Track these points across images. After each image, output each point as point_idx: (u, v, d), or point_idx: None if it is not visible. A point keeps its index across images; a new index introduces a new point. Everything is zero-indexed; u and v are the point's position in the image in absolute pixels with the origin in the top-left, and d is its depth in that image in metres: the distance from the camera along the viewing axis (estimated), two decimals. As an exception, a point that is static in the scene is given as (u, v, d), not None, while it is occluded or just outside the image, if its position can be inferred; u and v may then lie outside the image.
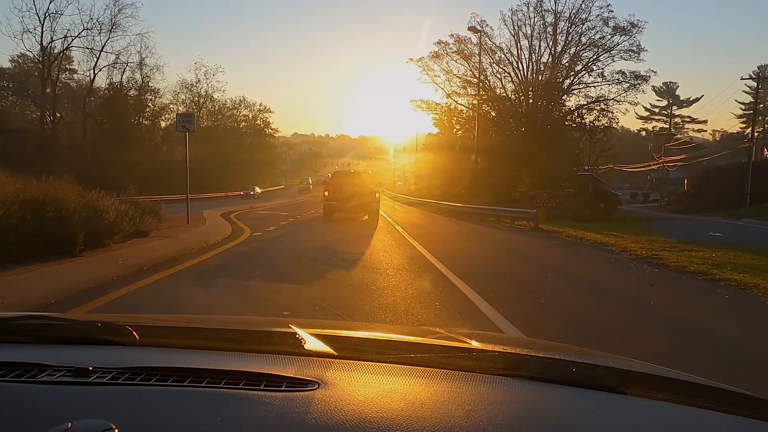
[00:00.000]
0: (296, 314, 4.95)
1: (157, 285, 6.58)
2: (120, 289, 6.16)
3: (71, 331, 1.25)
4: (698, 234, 17.57)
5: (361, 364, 1.09)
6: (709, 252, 10.81)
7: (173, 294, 6.25)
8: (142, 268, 7.65)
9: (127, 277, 6.95)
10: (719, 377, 1.38)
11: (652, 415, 0.96)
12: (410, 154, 73.31)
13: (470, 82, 41.69)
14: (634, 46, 37.77)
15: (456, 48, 41.57)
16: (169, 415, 0.86)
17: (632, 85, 38.99)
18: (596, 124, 40.06)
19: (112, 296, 5.76)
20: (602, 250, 11.95)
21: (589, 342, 4.28)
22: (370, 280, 7.03)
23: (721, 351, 4.45)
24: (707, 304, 6.56)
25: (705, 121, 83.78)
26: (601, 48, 38.74)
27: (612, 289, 7.33)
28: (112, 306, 5.35)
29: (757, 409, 1.01)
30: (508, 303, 5.84)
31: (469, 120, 43.17)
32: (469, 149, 44.24)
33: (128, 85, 51.11)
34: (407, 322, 4.99)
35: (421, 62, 42.66)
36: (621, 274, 8.79)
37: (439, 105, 44.71)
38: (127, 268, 7.39)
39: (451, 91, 43.13)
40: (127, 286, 6.35)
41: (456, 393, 0.97)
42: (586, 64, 39.61)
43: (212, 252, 10.06)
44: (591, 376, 1.06)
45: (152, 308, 5.41)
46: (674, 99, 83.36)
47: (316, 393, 0.91)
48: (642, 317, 5.61)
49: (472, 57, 40.61)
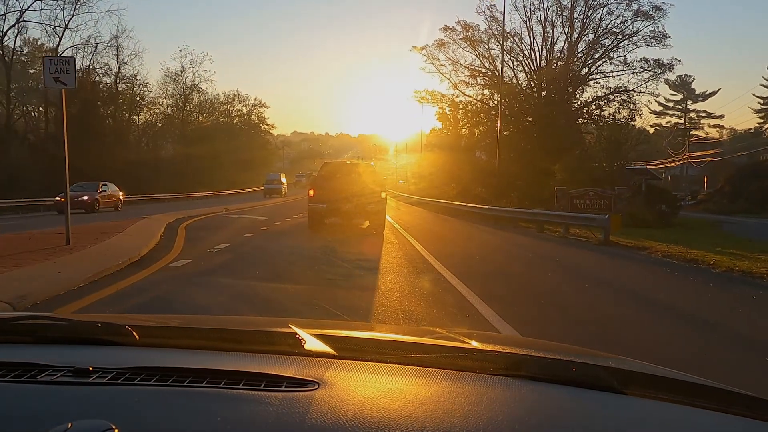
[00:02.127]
0: None
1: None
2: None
3: (71, 331, 1.26)
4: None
5: (361, 364, 1.09)
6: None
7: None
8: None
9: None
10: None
11: (652, 415, 0.96)
12: (411, 153, 72.81)
13: (479, 71, 39.54)
14: (656, 33, 35.17)
15: (463, 35, 39.09)
16: (169, 415, 0.86)
17: (654, 75, 36.35)
18: (617, 116, 36.82)
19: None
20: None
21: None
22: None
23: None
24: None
25: (722, 116, 78.20)
26: (620, 35, 36.04)
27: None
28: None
29: (757, 409, 1.01)
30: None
31: (475, 113, 41.33)
32: (475, 146, 42.77)
33: (101, 71, 45.73)
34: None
35: (426, 50, 40.29)
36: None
37: (445, 96, 42.31)
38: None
39: (458, 81, 40.48)
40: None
41: (456, 393, 0.97)
42: (605, 51, 36.90)
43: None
44: (591, 376, 1.06)
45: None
46: (689, 93, 77.58)
47: (316, 393, 0.91)
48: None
49: (482, 44, 38.47)
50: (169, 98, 55.76)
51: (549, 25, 37.63)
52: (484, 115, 40.86)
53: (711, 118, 77.55)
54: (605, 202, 21.88)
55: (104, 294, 5.98)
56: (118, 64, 46.39)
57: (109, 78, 46.47)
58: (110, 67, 46.42)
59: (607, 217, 13.58)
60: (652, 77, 36.48)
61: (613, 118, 36.62)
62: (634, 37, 35.86)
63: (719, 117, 77.23)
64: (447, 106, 43.27)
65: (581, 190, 22.47)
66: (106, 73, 46.00)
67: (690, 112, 77.99)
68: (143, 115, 52.47)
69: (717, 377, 1.25)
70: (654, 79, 36.58)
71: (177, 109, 56.21)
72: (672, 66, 36.23)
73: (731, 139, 71.34)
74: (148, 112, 52.88)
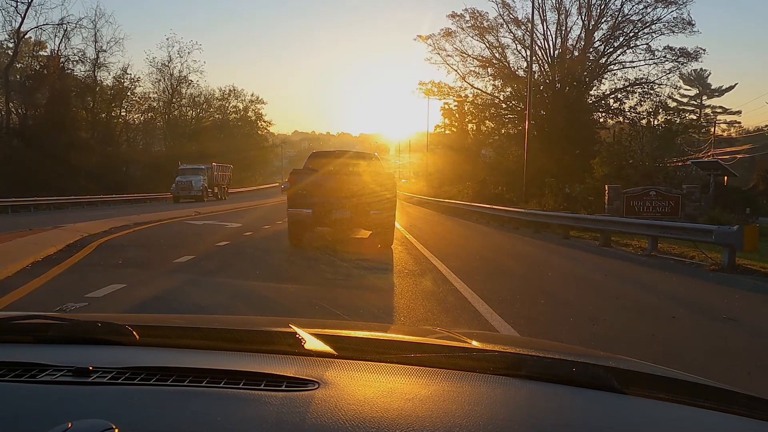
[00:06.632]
0: None
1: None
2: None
3: (71, 331, 1.26)
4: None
5: (361, 363, 1.09)
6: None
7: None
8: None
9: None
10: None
11: (652, 415, 0.96)
12: (414, 152, 72.50)
13: (490, 61, 37.52)
14: (679, 19, 32.82)
15: (472, 23, 37.06)
16: (169, 414, 0.86)
17: (677, 65, 34.32)
18: (638, 109, 34.57)
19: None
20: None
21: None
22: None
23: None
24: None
25: (739, 112, 72.97)
26: (639, 22, 33.92)
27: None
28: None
29: (757, 409, 1.02)
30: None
31: (485, 107, 39.60)
32: (482, 143, 40.83)
33: (74, 58, 40.45)
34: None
35: (431, 40, 37.94)
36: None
37: (452, 89, 40.13)
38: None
39: (466, 72, 38.33)
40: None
41: (456, 393, 0.97)
42: (626, 39, 34.66)
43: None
44: (591, 375, 1.06)
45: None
46: (704, 87, 72.72)
47: (316, 393, 0.91)
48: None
49: (492, 32, 36.36)
50: (155, 90, 51.46)
51: (563, 12, 35.80)
52: (494, 109, 39.11)
53: (727, 114, 72.86)
54: (671, 204, 18.18)
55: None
56: (96, 51, 41.27)
57: (84, 66, 41.37)
58: (85, 54, 41.08)
59: (735, 228, 9.09)
60: (674, 68, 34.70)
61: (634, 111, 34.95)
62: (655, 24, 33.80)
63: (736, 113, 72.58)
64: (453, 100, 41.42)
65: (639, 190, 18.56)
66: (80, 60, 40.74)
67: (705, 107, 72.84)
68: (127, 110, 48.20)
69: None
70: (676, 69, 34.89)
71: (165, 102, 52.45)
72: (698, 55, 33.87)
73: (754, 135, 68.62)
74: (134, 107, 48.59)
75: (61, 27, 38.33)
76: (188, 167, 36.46)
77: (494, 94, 39.09)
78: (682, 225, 11.70)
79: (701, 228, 10.42)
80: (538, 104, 34.24)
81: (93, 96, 42.43)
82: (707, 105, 72.67)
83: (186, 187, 35.04)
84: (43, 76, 37.03)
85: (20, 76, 38.42)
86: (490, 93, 39.15)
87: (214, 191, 38.35)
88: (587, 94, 36.62)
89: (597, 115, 37.16)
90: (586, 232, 14.75)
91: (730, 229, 9.23)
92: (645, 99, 35.20)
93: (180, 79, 53.07)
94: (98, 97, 43.30)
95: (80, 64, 40.83)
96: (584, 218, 14.69)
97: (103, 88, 44.15)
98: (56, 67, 37.56)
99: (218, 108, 61.72)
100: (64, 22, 38.45)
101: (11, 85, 36.45)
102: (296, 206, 9.99)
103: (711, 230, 9.65)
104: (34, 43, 39.76)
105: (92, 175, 35.28)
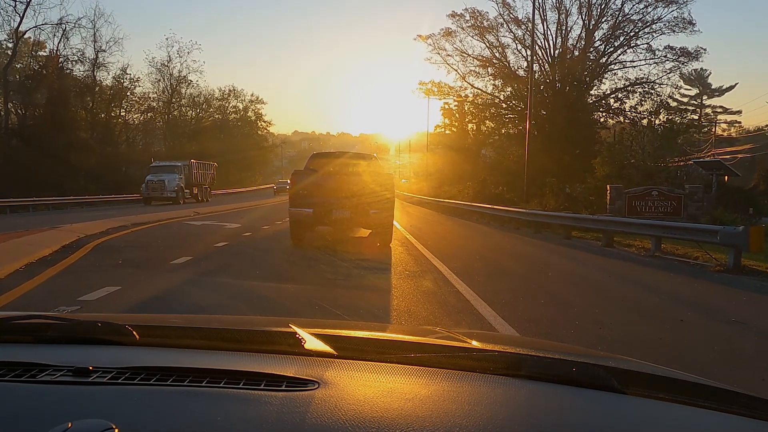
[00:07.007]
0: None
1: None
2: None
3: (71, 331, 1.26)
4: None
5: (361, 363, 1.09)
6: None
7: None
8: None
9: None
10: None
11: (652, 415, 0.97)
12: (414, 152, 72.44)
13: (490, 61, 37.61)
14: (680, 19, 32.83)
15: (472, 22, 37.13)
16: (169, 414, 0.86)
17: (678, 65, 34.38)
18: (639, 109, 34.55)
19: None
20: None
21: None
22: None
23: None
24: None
25: (739, 112, 72.68)
26: (640, 22, 34.05)
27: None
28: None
29: (757, 409, 1.02)
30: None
31: (485, 107, 39.61)
32: (482, 143, 40.98)
33: (73, 58, 40.51)
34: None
35: (431, 39, 37.92)
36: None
37: (452, 88, 40.14)
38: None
39: (466, 72, 38.40)
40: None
41: (456, 393, 0.97)
42: (627, 39, 34.83)
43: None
44: (591, 375, 1.06)
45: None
46: (705, 87, 72.19)
47: (316, 393, 0.91)
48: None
49: (492, 31, 36.47)
50: (154, 90, 51.63)
51: (564, 12, 35.89)
52: (494, 108, 39.09)
53: (728, 113, 72.48)
54: (673, 204, 18.06)
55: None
56: (95, 51, 41.30)
57: (83, 66, 41.48)
58: (84, 54, 41.13)
59: (741, 229, 9.06)
60: (675, 68, 34.72)
61: (635, 111, 34.95)
62: (655, 24, 33.83)
63: (736, 113, 72.19)
64: (453, 100, 41.56)
65: (641, 189, 18.45)
66: (79, 60, 40.72)
67: (706, 107, 72.46)
68: (126, 110, 48.05)
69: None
70: (677, 69, 34.92)
71: (164, 102, 52.58)
72: (698, 55, 33.87)
73: (755, 135, 68.10)
74: (133, 107, 48.41)
75: (60, 27, 38.47)
76: (162, 164, 33.86)
77: (494, 94, 39.19)
78: (687, 225, 11.57)
79: (706, 228, 10.32)
80: (539, 104, 34.06)
81: (92, 96, 42.54)
82: (708, 105, 72.46)
83: (158, 187, 31.71)
84: (42, 76, 37.02)
85: (19, 76, 38.69)
86: (490, 93, 39.22)
87: (193, 192, 35.32)
88: (588, 94, 36.64)
89: (597, 115, 37.22)
90: (587, 233, 14.70)
91: (735, 230, 9.15)
92: (645, 99, 35.36)
93: (179, 79, 53.39)
94: (97, 97, 43.40)
95: (79, 64, 41.11)
96: (586, 218, 14.62)
97: (103, 88, 44.23)
98: (55, 67, 37.60)
99: (218, 108, 62.33)
100: (63, 21, 38.66)
101: (10, 85, 36.61)
102: (297, 206, 10.31)
103: (716, 231, 9.50)
104: (33, 42, 40.15)
105: (92, 175, 35.24)
